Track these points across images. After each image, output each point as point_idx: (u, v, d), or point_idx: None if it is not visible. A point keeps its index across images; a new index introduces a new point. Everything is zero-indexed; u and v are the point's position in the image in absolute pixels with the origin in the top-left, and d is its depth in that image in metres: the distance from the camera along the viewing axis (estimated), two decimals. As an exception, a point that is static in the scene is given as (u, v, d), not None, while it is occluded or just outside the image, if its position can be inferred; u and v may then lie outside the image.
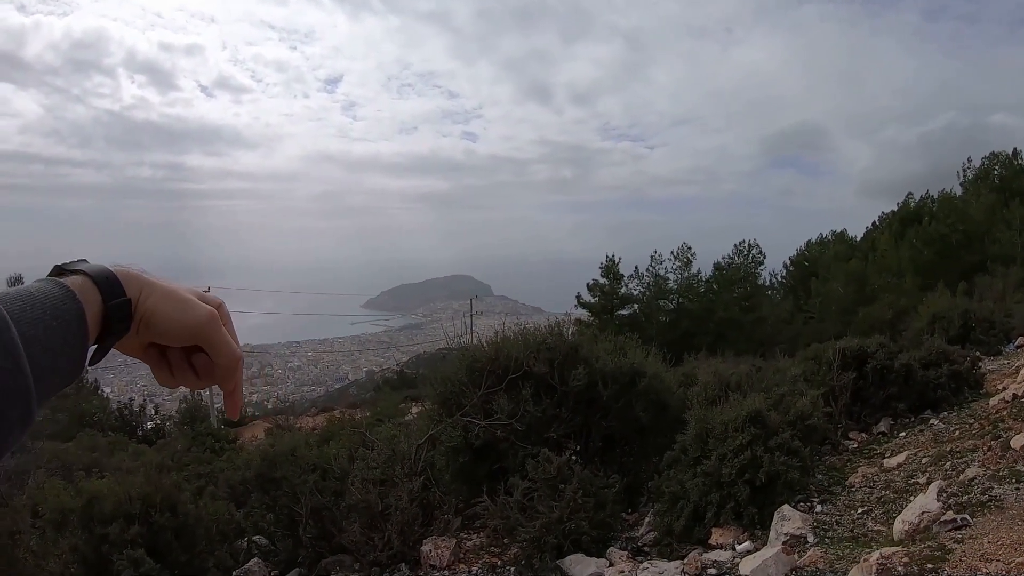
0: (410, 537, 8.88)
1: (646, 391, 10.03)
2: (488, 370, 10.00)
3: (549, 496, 8.24)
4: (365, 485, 9.23)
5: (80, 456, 16.90)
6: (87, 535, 8.32)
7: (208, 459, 17.97)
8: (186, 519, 8.78)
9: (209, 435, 23.21)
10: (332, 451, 10.79)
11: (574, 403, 9.81)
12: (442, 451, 9.92)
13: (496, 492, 8.81)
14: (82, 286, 1.03)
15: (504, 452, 9.58)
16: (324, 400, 55.36)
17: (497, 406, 9.62)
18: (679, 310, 40.62)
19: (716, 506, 7.77)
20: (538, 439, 9.42)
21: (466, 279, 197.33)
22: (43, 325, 0.94)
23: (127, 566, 7.79)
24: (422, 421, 11.44)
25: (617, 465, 9.68)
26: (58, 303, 0.98)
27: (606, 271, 40.64)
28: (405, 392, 33.82)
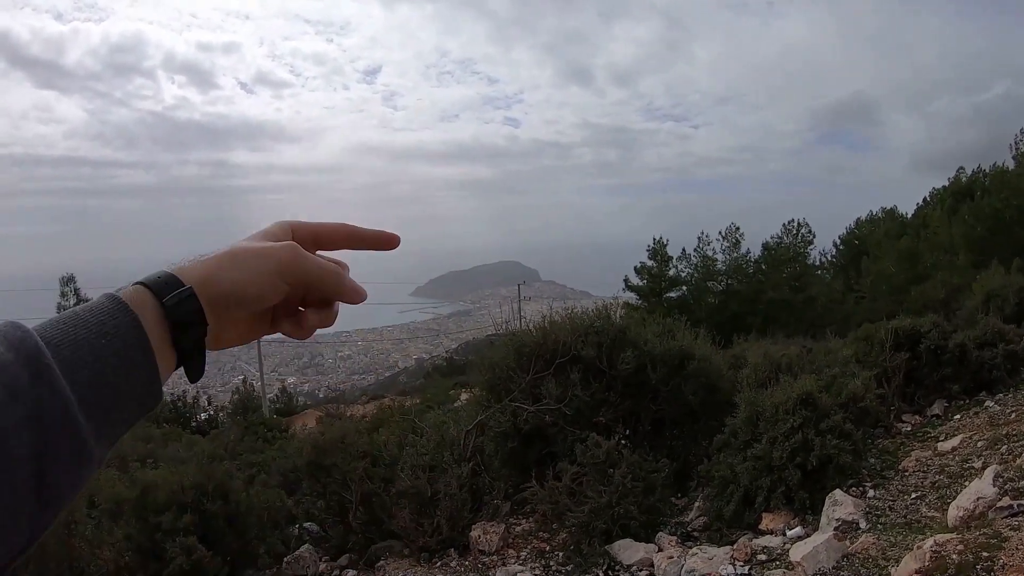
0: (459, 523, 8.89)
1: (695, 374, 9.94)
2: (536, 355, 9.96)
3: (598, 481, 8.20)
4: (415, 471, 9.26)
5: (135, 447, 17.15)
6: (141, 524, 8.44)
7: (260, 448, 18.13)
8: (238, 507, 8.87)
9: (261, 424, 23.42)
10: (382, 438, 10.85)
11: (623, 387, 9.74)
12: (491, 437, 9.91)
13: (545, 477, 8.78)
14: (132, 293, 0.90)
15: (553, 437, 9.54)
16: (374, 388, 55.69)
17: (545, 391, 9.58)
18: (728, 292, 40.09)
19: (766, 491, 7.67)
20: (587, 423, 9.37)
21: (514, 265, 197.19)
22: (88, 346, 0.83)
23: (179, 553, 7.88)
24: (471, 407, 11.44)
25: (666, 449, 9.61)
26: (106, 318, 0.86)
27: (653, 253, 40.24)
28: (454, 379, 33.89)
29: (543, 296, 79.66)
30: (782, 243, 41.33)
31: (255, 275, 0.99)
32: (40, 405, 0.75)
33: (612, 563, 7.67)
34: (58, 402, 0.77)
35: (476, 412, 10.32)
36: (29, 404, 0.75)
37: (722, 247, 40.97)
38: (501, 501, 9.50)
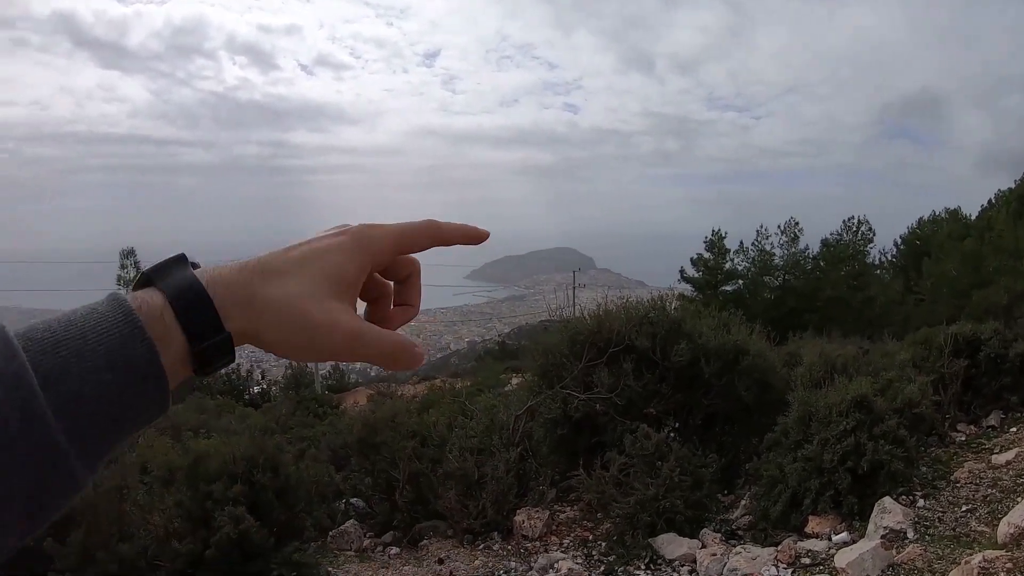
0: (504, 507, 8.94)
1: (749, 369, 9.85)
2: (590, 343, 9.94)
3: (645, 473, 8.19)
4: (463, 453, 9.32)
5: (189, 417, 17.45)
6: (192, 492, 8.60)
7: (311, 423, 18.37)
8: (287, 480, 9.00)
9: (313, 400, 23.73)
10: (432, 419, 10.92)
11: (675, 379, 9.69)
12: (540, 423, 9.93)
13: (592, 466, 8.79)
14: (154, 315, 0.77)
15: (603, 426, 9.53)
16: (425, 369, 55.93)
17: (597, 379, 9.56)
18: (784, 287, 39.52)
19: (815, 493, 7.57)
20: (637, 414, 9.35)
21: (569, 251, 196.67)
22: (93, 382, 0.71)
23: (228, 522, 8.01)
24: (522, 392, 11.46)
25: (716, 444, 9.54)
26: (116, 346, 0.73)
27: (711, 245, 39.80)
28: (506, 363, 33.92)
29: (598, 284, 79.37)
30: (842, 240, 40.62)
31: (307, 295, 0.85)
32: (27, 448, 0.68)
33: (654, 556, 7.66)
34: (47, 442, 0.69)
35: (527, 397, 10.35)
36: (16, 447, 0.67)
37: (780, 241, 40.40)
38: (547, 487, 9.52)
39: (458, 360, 65.96)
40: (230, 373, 34.49)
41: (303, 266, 0.86)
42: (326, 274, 0.87)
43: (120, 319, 0.75)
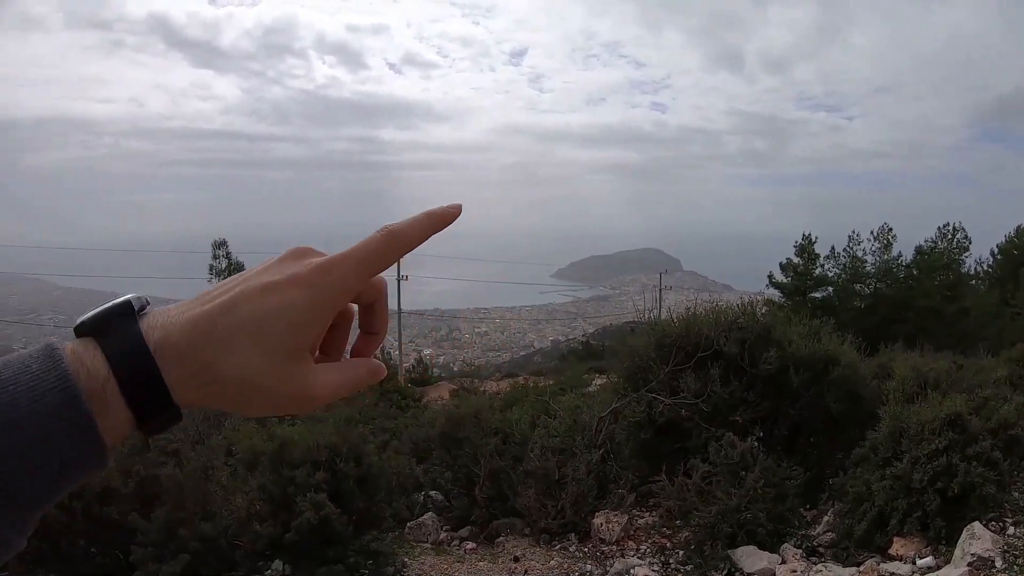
0: (583, 508, 8.90)
1: (839, 381, 9.62)
2: (678, 347, 9.82)
3: (729, 482, 8.05)
4: (544, 452, 9.31)
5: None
6: (275, 476, 8.76)
7: (394, 415, 18.56)
8: (369, 469, 9.10)
9: (396, 392, 23.93)
10: (515, 416, 10.93)
11: (763, 387, 9.52)
12: (624, 425, 9.85)
13: (675, 472, 8.68)
14: (95, 386, 0.72)
15: (687, 432, 9.41)
16: (509, 366, 56.09)
17: (684, 384, 9.45)
18: (875, 295, 38.46)
19: (902, 513, 7.32)
20: (723, 422, 9.20)
21: (656, 253, 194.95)
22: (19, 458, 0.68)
23: (309, 508, 8.14)
24: (606, 394, 11.40)
25: (801, 456, 9.33)
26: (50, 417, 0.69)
27: (801, 250, 38.98)
28: (589, 363, 33.72)
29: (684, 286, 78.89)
30: (936, 248, 39.40)
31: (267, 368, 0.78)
32: None
33: (732, 569, 7.53)
34: None
35: (611, 399, 10.28)
36: None
37: (872, 248, 39.39)
38: (627, 491, 9.44)
39: (541, 358, 66.08)
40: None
41: (259, 333, 0.78)
42: (284, 341, 0.79)
43: (54, 383, 0.70)
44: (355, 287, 0.84)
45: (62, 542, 9.14)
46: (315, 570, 8.14)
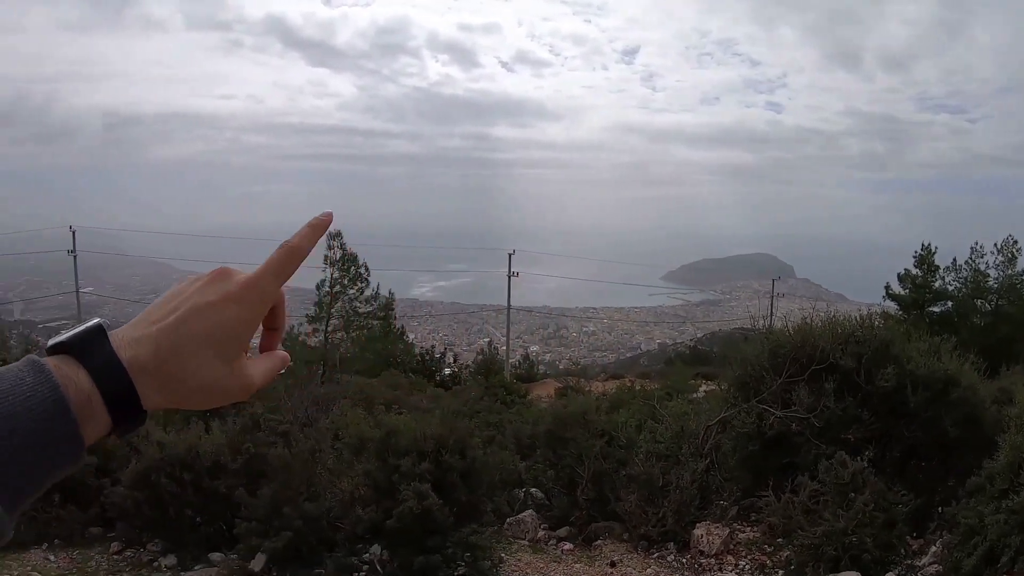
0: (684, 517, 8.78)
1: (958, 403, 9.20)
2: (792, 357, 9.56)
3: (836, 503, 7.78)
4: (649, 458, 9.21)
5: (383, 392, 18.08)
6: (381, 463, 8.90)
7: (498, 410, 18.63)
8: (473, 463, 9.16)
9: (501, 387, 24.04)
10: (621, 419, 10.85)
11: (877, 405, 9.19)
12: (731, 436, 9.65)
13: (781, 488, 8.45)
14: (82, 398, 0.88)
15: (796, 447, 9.14)
16: (614, 367, 55.85)
17: (796, 397, 9.19)
18: (997, 313, 36.66)
19: (1014, 550, 6.90)
20: (834, 438, 8.92)
21: (768, 258, 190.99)
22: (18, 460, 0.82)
23: (412, 497, 8.24)
24: (715, 402, 11.19)
25: (912, 481, 8.96)
26: (44, 424, 0.84)
27: (920, 261, 37.34)
28: (696, 369, 33.38)
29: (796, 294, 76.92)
30: (1066, 263, 37.39)
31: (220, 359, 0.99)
32: None
33: (833, 594, 7.30)
34: None
35: (720, 408, 10.10)
36: None
37: (995, 261, 37.64)
38: (729, 504, 9.26)
39: (647, 361, 65.57)
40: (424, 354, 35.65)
41: (209, 343, 0.97)
42: (229, 347, 1.00)
43: (47, 395, 0.85)
44: (273, 297, 1.07)
45: (171, 511, 9.47)
46: (413, 558, 8.23)
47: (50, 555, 9.87)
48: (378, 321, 33.03)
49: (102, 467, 10.76)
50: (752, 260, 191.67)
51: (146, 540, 10.05)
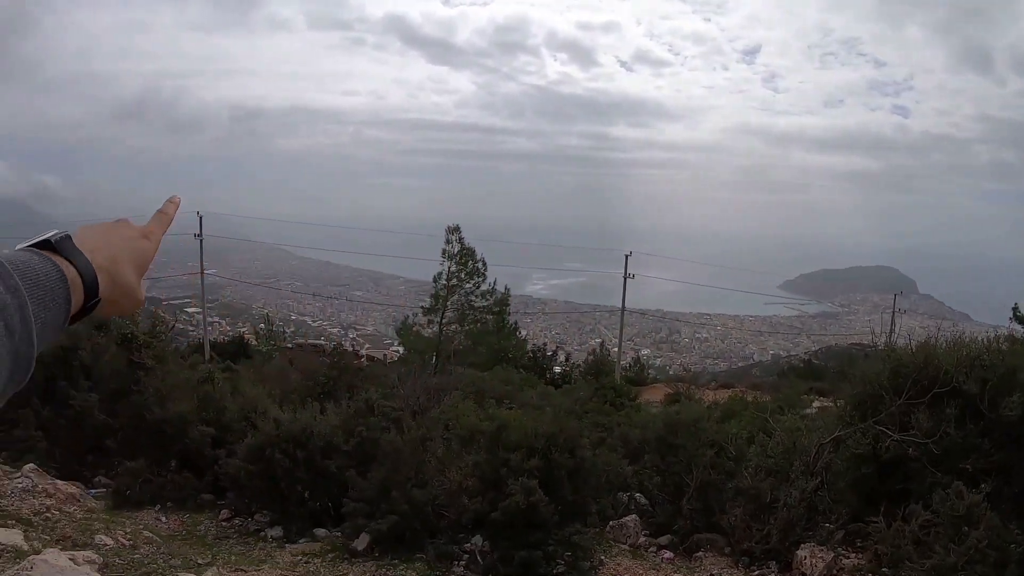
0: (789, 537, 8.63)
1: (1089, 440, 8.78)
2: (913, 378, 9.25)
3: (948, 536, 7.50)
4: (758, 472, 9.09)
5: (494, 386, 18.23)
6: (490, 456, 9.01)
7: (607, 412, 18.60)
8: (582, 463, 9.20)
9: (611, 389, 24.01)
10: (732, 430, 10.72)
11: (1000, 435, 8.82)
12: (844, 456, 9.41)
13: (892, 515, 8.19)
14: (76, 284, 1.25)
15: (911, 473, 8.85)
16: (725, 376, 55.07)
17: (915, 420, 8.89)
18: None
19: None
20: (951, 467, 8.60)
21: (890, 271, 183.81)
22: (46, 317, 1.17)
23: (519, 491, 8.32)
24: (829, 419, 10.92)
25: (1026, 520, 8.55)
26: (60, 301, 1.21)
27: (1051, 282, 35.81)
28: (809, 383, 32.62)
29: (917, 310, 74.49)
30: None
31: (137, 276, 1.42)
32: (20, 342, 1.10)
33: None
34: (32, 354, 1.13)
35: (835, 426, 9.85)
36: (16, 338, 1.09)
37: None
38: (836, 526, 9.04)
39: (760, 372, 64.35)
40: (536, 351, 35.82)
41: (134, 260, 1.41)
42: (141, 268, 1.44)
43: (62, 281, 1.21)
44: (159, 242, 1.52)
45: (281, 485, 9.80)
46: (514, 552, 8.32)
47: (162, 516, 10.33)
48: (492, 316, 33.32)
49: (219, 439, 11.21)
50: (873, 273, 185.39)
51: (254, 511, 10.42)
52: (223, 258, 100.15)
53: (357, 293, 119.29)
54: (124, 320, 12.70)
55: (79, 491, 10.34)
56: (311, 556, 9.01)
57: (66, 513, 9.44)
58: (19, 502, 9.19)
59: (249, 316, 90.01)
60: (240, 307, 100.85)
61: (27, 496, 9.38)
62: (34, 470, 10.08)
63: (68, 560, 6.77)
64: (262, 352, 36.83)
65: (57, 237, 1.27)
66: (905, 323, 48.05)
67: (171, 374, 12.50)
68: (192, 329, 56.97)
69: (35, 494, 9.49)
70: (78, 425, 11.52)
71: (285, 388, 18.23)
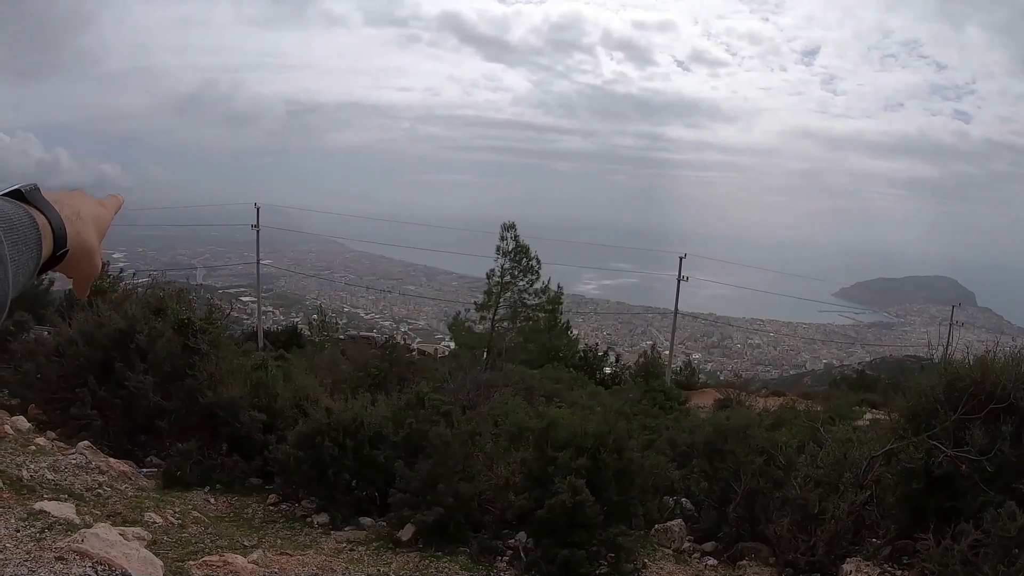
0: (835, 550, 8.54)
1: None
2: (970, 393, 9.07)
3: (998, 557, 7.35)
4: (807, 482, 9.00)
5: (544, 384, 18.29)
6: (538, 453, 9.06)
7: (656, 414, 18.55)
8: (629, 464, 9.20)
9: (661, 392, 23.92)
10: (782, 438, 10.64)
11: (1055, 454, 8.64)
12: (895, 470, 9.27)
13: (942, 533, 8.04)
14: (47, 234, 1.31)
15: (963, 491, 8.70)
16: (776, 383, 54.47)
17: (969, 436, 8.73)
18: None
19: None
20: (1004, 486, 8.44)
21: (948, 282, 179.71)
22: (19, 259, 1.22)
23: (566, 491, 8.33)
24: (882, 431, 10.75)
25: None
26: (33, 245, 1.27)
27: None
28: (861, 394, 32.21)
29: (975, 323, 72.98)
30: None
31: (96, 237, 1.48)
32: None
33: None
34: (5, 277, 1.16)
35: (887, 438, 9.70)
36: None
37: None
38: (883, 542, 8.91)
39: (811, 380, 63.69)
40: (587, 351, 35.81)
41: (97, 224, 1.49)
42: (102, 233, 1.52)
43: (33, 227, 1.27)
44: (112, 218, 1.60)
45: (329, 472, 9.92)
46: (557, 550, 8.33)
47: (210, 497, 10.50)
48: (545, 314, 33.37)
49: (269, 424, 11.37)
50: (930, 283, 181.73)
51: (301, 496, 10.55)
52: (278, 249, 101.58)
53: (410, 287, 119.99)
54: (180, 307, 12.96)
55: (131, 469, 10.58)
56: (356, 544, 9.11)
57: (117, 490, 9.66)
58: (72, 477, 9.43)
59: (302, 307, 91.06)
60: (294, 297, 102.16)
61: (80, 472, 9.63)
62: (88, 447, 10.35)
63: (118, 535, 6.91)
64: (314, 342, 37.30)
65: (28, 187, 1.33)
66: (962, 336, 47.23)
67: (225, 360, 12.67)
68: (246, 318, 57.79)
69: (88, 470, 9.74)
70: (132, 406, 11.74)
71: (336, 378, 18.44)
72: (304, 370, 16.22)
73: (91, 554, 6.15)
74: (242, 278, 78.95)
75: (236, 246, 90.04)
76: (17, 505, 7.70)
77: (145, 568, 6.35)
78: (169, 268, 59.85)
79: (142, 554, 6.60)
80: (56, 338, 13.35)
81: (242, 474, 11.18)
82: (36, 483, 8.89)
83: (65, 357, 12.41)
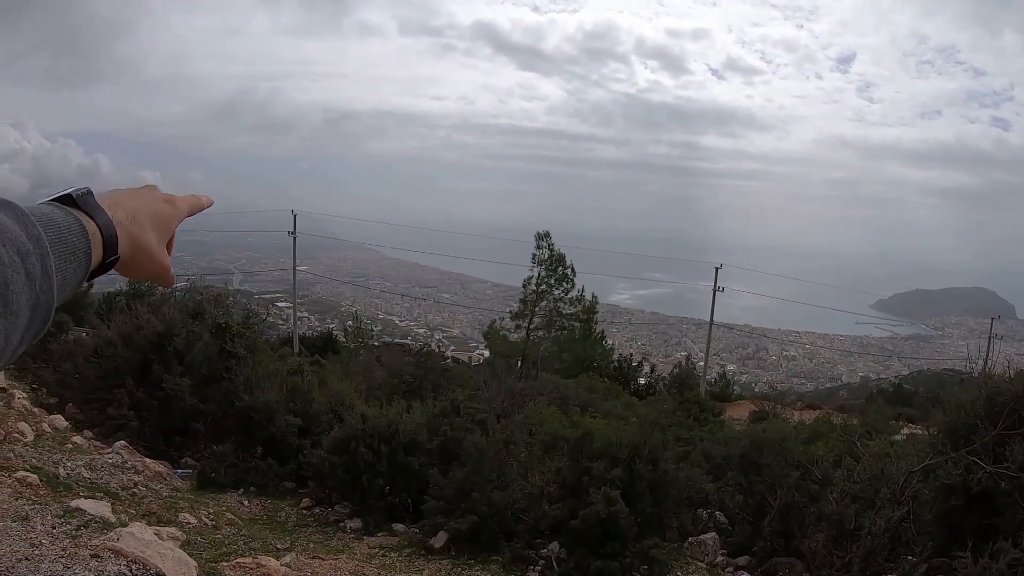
0: (871, 567, 8.44)
1: None
2: (1011, 407, 8.93)
3: (1036, 575, 7.25)
4: (843, 497, 8.90)
5: (579, 393, 18.26)
6: (572, 463, 9.06)
7: (690, 426, 18.46)
8: (664, 476, 9.17)
9: (696, 403, 23.81)
10: (818, 452, 10.54)
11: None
12: (932, 485, 9.15)
13: (980, 551, 7.92)
14: (96, 241, 1.26)
15: (1002, 508, 8.57)
16: (811, 396, 54.00)
17: (1009, 452, 8.60)
18: None
19: None
20: (1043, 504, 8.32)
21: (987, 294, 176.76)
22: (67, 270, 1.18)
23: (600, 501, 8.32)
24: (921, 446, 10.61)
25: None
26: (81, 255, 1.22)
27: None
28: (899, 409, 31.85)
29: (1015, 336, 71.74)
30: None
31: (157, 237, 1.42)
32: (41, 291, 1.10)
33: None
34: (52, 301, 1.14)
35: (925, 454, 9.58)
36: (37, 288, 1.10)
37: None
38: (919, 559, 8.78)
39: (847, 394, 63.04)
40: (622, 361, 35.70)
41: (157, 225, 1.42)
42: (164, 234, 1.44)
43: (83, 235, 1.22)
44: (185, 212, 1.53)
45: (363, 478, 9.97)
46: (590, 561, 8.33)
47: (244, 500, 10.59)
48: (580, 323, 33.30)
49: (304, 429, 11.45)
50: (968, 295, 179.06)
51: (335, 501, 10.62)
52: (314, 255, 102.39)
53: (445, 295, 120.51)
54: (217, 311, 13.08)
55: (166, 470, 10.70)
56: (388, 550, 9.15)
57: (153, 490, 9.77)
58: (108, 476, 9.55)
59: (338, 313, 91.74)
60: (329, 304, 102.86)
61: (116, 471, 9.74)
62: (124, 447, 10.47)
63: (153, 535, 6.98)
64: (349, 348, 37.49)
65: (79, 192, 1.29)
66: (1002, 349, 46.51)
67: (261, 364, 12.79)
68: (282, 323, 58.32)
69: (124, 470, 9.86)
70: (169, 407, 11.87)
71: (371, 384, 18.54)
72: (339, 376, 16.34)
73: (126, 552, 6.22)
74: (278, 284, 79.79)
75: (272, 252, 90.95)
76: (53, 502, 7.79)
77: (179, 568, 6.41)
78: (206, 273, 60.61)
79: (176, 554, 6.66)
80: (95, 339, 13.52)
81: (276, 477, 11.27)
82: (72, 481, 9.00)
83: (103, 358, 12.57)
